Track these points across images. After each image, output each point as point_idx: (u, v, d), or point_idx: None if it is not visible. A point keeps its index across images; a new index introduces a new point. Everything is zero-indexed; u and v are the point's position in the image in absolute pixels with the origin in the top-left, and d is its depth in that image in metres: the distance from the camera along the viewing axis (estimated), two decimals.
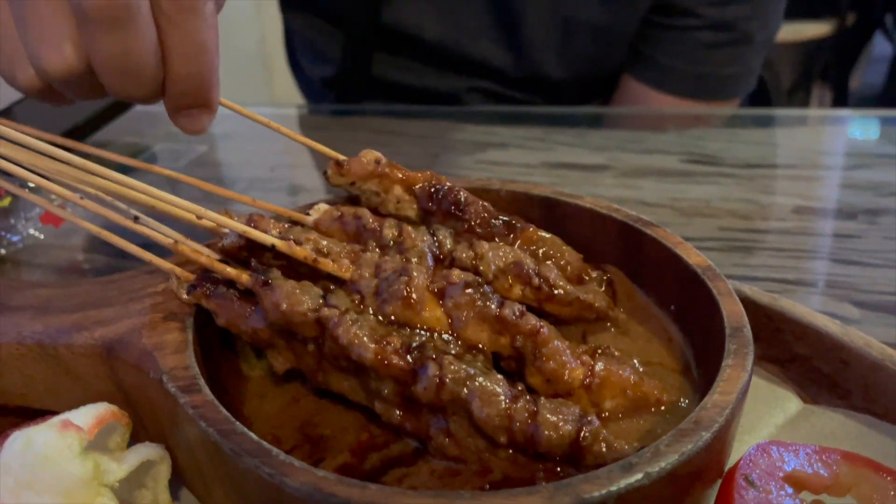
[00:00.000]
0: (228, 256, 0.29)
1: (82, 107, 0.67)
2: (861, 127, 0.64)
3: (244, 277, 0.27)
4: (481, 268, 0.31)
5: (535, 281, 0.31)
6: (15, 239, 0.50)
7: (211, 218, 0.29)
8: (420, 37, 0.75)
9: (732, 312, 0.28)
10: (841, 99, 2.30)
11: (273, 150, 0.69)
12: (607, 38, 0.75)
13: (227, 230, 0.29)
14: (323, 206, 0.33)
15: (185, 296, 0.28)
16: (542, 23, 0.75)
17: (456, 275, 0.27)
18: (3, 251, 0.50)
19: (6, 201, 0.51)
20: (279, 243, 0.28)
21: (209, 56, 0.32)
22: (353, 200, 0.36)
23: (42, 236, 0.51)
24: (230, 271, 0.27)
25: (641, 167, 0.60)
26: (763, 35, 0.74)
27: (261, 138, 0.73)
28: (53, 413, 0.27)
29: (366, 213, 0.32)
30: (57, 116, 0.66)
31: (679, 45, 0.74)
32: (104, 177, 0.30)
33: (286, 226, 0.31)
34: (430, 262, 0.31)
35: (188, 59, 0.32)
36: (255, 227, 0.29)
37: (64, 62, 0.31)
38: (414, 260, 0.30)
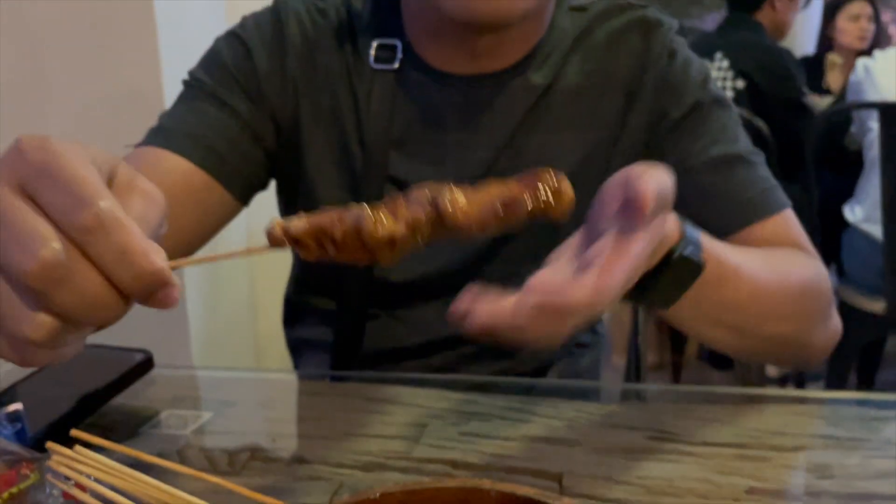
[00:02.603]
0: None
1: (86, 383, 0.73)
2: (803, 408, 0.72)
3: None
4: None
5: None
6: None
7: None
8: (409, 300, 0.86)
9: None
10: None
11: (274, 419, 0.75)
12: None
13: None
14: None
15: None
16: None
17: None
18: None
19: (33, 478, 0.56)
20: None
21: (136, 253, 0.34)
22: None
23: None
24: None
25: (610, 443, 0.66)
26: None
27: (262, 406, 0.80)
28: None
29: None
30: (59, 397, 0.71)
31: None
32: (161, 489, 0.35)
33: None
34: None
35: (124, 268, 0.34)
36: None
37: (39, 331, 0.34)
38: None
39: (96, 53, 1.28)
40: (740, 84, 2.23)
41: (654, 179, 0.48)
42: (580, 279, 0.45)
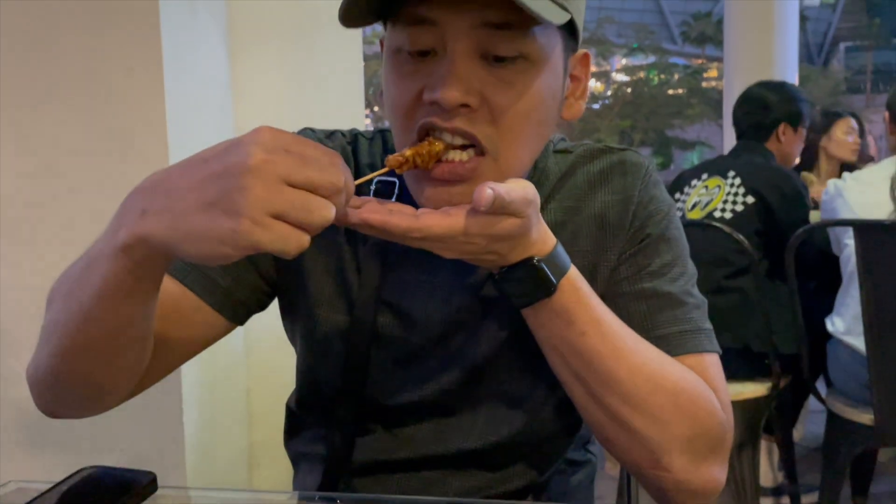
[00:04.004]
0: None
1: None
2: None
3: None
4: None
5: None
6: None
7: None
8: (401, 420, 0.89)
9: None
10: (787, 450, 2.43)
11: None
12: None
13: None
14: None
15: None
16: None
17: None
18: None
19: None
20: None
21: (352, 185, 0.64)
22: None
23: None
24: None
25: None
26: None
27: None
28: None
29: None
30: None
31: None
32: None
33: None
34: None
35: (350, 189, 0.64)
36: None
37: (330, 212, 0.61)
38: None
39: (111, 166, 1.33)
40: (750, 200, 2.33)
41: (505, 188, 0.66)
42: (395, 216, 0.69)
